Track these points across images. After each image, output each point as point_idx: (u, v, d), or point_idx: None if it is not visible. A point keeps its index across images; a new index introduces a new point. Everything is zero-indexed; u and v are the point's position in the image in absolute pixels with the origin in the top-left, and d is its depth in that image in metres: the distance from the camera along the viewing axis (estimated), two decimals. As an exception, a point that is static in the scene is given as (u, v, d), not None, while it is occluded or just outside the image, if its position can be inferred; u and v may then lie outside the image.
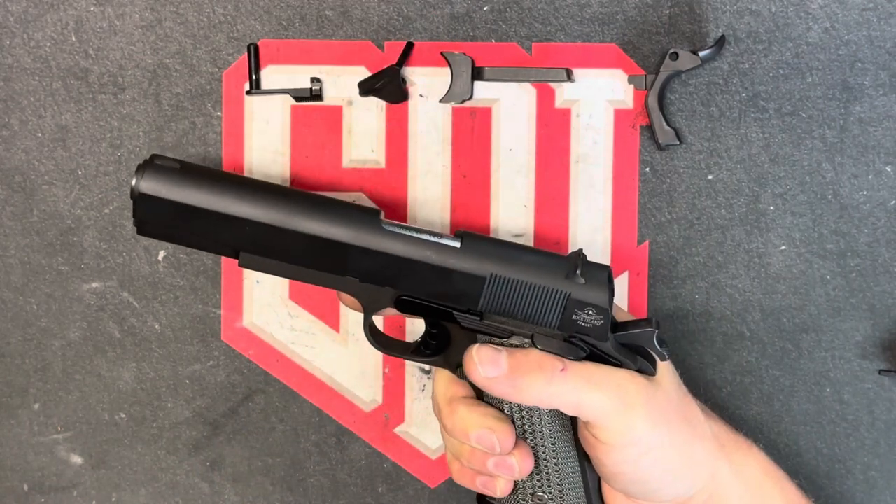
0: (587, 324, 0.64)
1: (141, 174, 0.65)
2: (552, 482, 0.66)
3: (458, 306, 0.65)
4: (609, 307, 0.64)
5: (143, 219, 0.65)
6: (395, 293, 0.66)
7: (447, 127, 0.75)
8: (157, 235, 0.66)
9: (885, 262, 0.74)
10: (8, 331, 0.78)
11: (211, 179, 0.66)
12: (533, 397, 0.63)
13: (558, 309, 0.64)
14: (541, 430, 0.66)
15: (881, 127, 0.74)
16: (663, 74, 0.72)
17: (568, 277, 0.64)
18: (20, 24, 0.76)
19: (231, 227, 0.65)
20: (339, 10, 0.75)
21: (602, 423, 0.63)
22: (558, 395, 0.63)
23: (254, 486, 0.78)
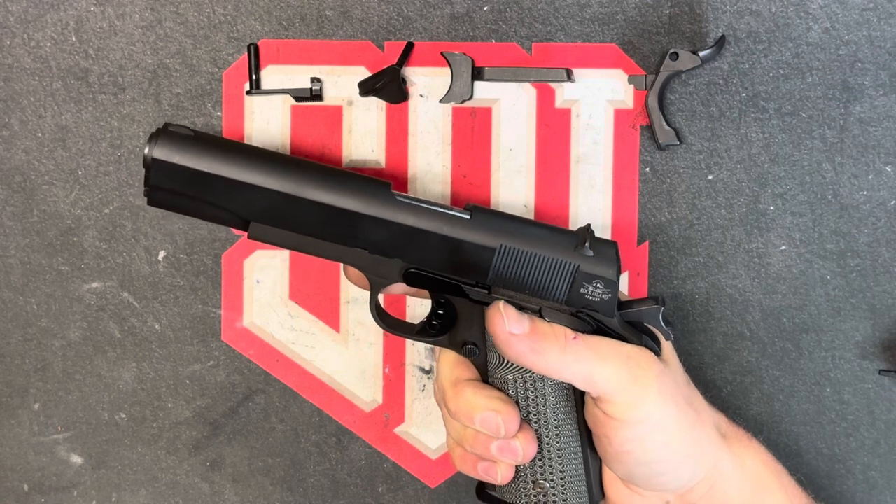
0: (595, 297, 0.64)
1: (154, 141, 0.65)
2: (554, 469, 0.66)
3: (467, 279, 0.65)
4: (617, 280, 0.64)
5: (156, 185, 0.65)
6: (403, 266, 0.66)
7: (447, 127, 0.75)
8: (167, 205, 0.66)
9: (885, 262, 0.74)
10: (8, 331, 0.78)
11: (224, 147, 0.66)
12: (548, 363, 0.63)
13: (566, 281, 0.64)
14: (545, 413, 0.66)
15: (881, 127, 0.74)
16: (663, 74, 0.72)
17: (577, 250, 0.64)
18: (20, 24, 0.76)
19: (243, 195, 0.65)
20: (339, 10, 0.75)
21: (613, 396, 0.63)
22: (571, 364, 0.63)
23: (254, 486, 0.78)
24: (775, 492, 0.67)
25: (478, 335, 0.67)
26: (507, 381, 0.66)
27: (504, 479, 0.67)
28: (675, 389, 0.64)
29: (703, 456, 0.65)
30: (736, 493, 0.65)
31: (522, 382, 0.66)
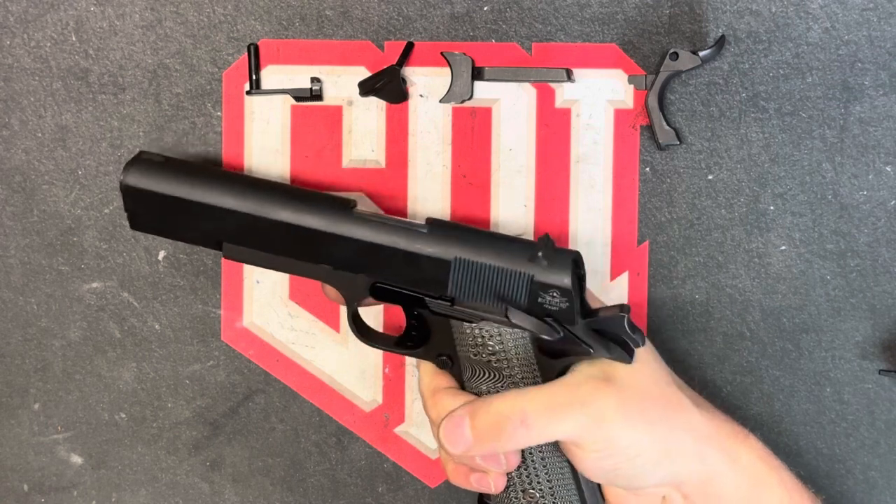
0: (553, 307, 0.65)
1: (128, 168, 0.68)
2: (540, 477, 0.67)
3: (429, 292, 0.66)
4: (573, 289, 0.64)
5: (132, 211, 0.69)
6: (368, 280, 0.67)
7: (447, 127, 0.75)
8: (148, 229, 0.70)
9: (885, 262, 0.74)
10: (8, 331, 0.78)
11: (193, 173, 0.69)
12: (509, 447, 0.64)
13: (524, 292, 0.65)
14: None
15: (881, 127, 0.74)
16: (663, 74, 0.72)
17: (531, 260, 0.65)
18: (20, 24, 0.76)
19: (211, 217, 0.68)
20: (339, 10, 0.75)
21: (579, 442, 0.64)
22: (533, 439, 0.64)
23: (254, 486, 0.78)
24: (774, 487, 0.67)
25: (449, 348, 0.68)
26: (481, 391, 0.67)
27: (497, 487, 0.67)
28: (645, 407, 0.64)
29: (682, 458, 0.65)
30: (732, 489, 0.65)
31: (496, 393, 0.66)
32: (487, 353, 0.66)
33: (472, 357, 0.67)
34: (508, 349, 0.66)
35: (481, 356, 0.67)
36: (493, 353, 0.66)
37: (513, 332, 0.66)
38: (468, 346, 0.67)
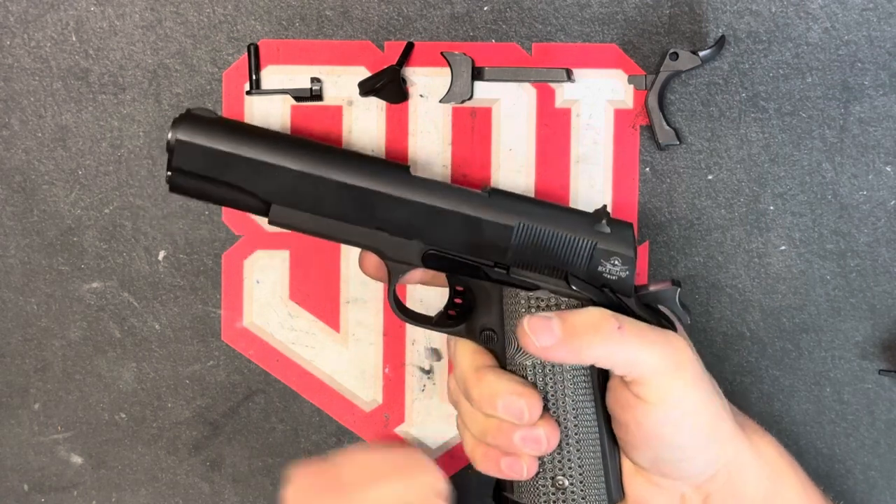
0: (613, 275, 0.65)
1: (178, 123, 0.66)
2: (573, 462, 0.66)
3: (486, 259, 0.66)
4: (634, 257, 0.65)
5: (178, 167, 0.66)
6: (422, 247, 0.66)
7: (447, 127, 0.75)
8: (188, 190, 0.67)
9: (885, 262, 0.74)
10: (8, 331, 0.78)
11: (247, 130, 0.67)
12: (590, 357, 0.63)
13: (585, 259, 0.65)
14: (563, 400, 0.66)
15: (881, 127, 0.74)
16: (663, 74, 0.72)
17: (594, 227, 0.65)
18: (20, 24, 0.76)
19: (265, 176, 0.66)
20: (339, 10, 0.75)
21: (651, 380, 0.63)
22: (614, 354, 0.63)
23: (254, 486, 0.78)
24: (793, 483, 0.67)
25: (496, 321, 0.67)
26: (525, 367, 0.66)
27: (529, 472, 0.66)
28: (703, 376, 0.65)
29: (725, 442, 0.65)
30: (754, 482, 0.65)
31: (541, 368, 0.66)
32: None
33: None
34: None
35: None
36: None
37: (567, 302, 0.65)
38: (519, 317, 0.66)
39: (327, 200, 0.66)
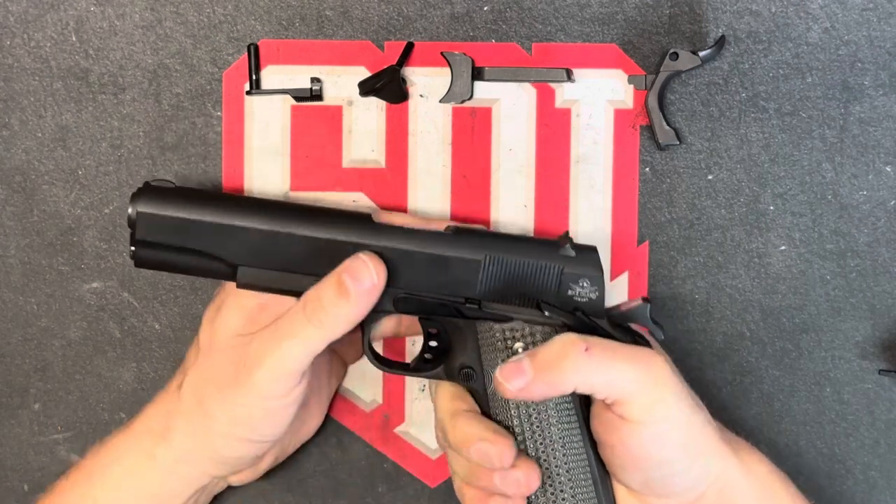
0: (583, 298, 0.66)
1: (138, 196, 0.66)
2: (565, 492, 0.66)
3: (457, 296, 0.66)
4: (601, 277, 0.65)
5: (142, 240, 0.66)
6: (393, 292, 0.66)
7: (447, 127, 0.75)
8: (154, 263, 0.68)
9: (885, 262, 0.74)
10: (8, 331, 0.78)
11: (207, 195, 0.68)
12: (567, 386, 0.62)
13: (553, 284, 0.66)
14: (549, 430, 0.66)
15: (881, 127, 0.74)
16: (663, 74, 0.72)
17: (559, 252, 0.66)
18: (20, 24, 0.76)
19: (230, 239, 0.66)
20: (339, 10, 0.75)
21: (632, 399, 0.62)
22: (589, 377, 0.62)
23: (254, 486, 0.78)
24: (783, 497, 0.66)
25: (473, 358, 0.67)
26: (507, 402, 0.66)
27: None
28: (684, 390, 0.64)
29: (712, 456, 0.65)
30: (744, 499, 0.65)
31: (525, 403, 0.66)
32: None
33: (499, 363, 0.66)
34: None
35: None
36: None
37: (543, 331, 0.66)
38: (495, 351, 0.66)
39: (293, 256, 0.66)
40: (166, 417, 0.69)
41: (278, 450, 0.73)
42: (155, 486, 0.69)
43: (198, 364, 0.69)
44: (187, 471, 0.69)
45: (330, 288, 0.65)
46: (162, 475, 0.69)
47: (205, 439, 0.68)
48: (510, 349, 0.66)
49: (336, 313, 0.64)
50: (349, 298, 0.64)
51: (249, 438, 0.68)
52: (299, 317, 0.65)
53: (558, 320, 0.65)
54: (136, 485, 0.69)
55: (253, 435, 0.67)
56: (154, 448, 0.69)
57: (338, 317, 0.64)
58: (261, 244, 0.66)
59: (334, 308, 0.64)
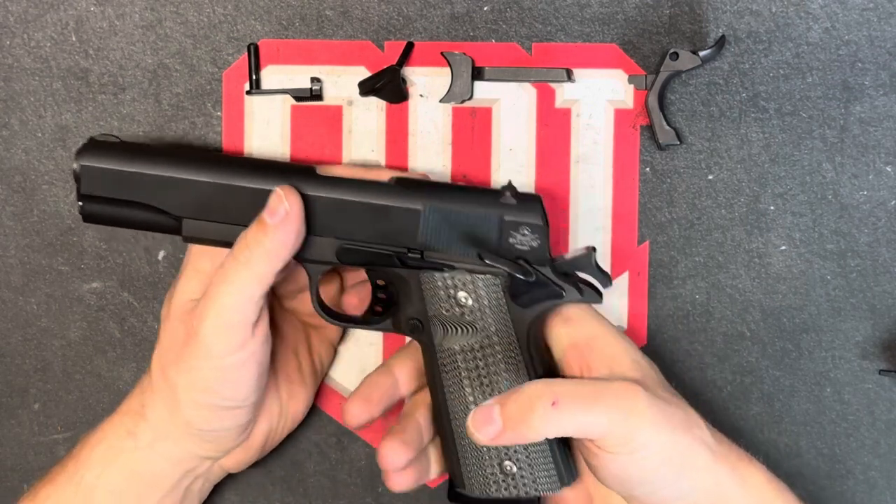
0: (524, 246, 0.66)
1: (82, 151, 0.67)
2: (518, 444, 0.66)
3: (399, 246, 0.67)
4: (544, 226, 0.66)
5: (87, 194, 0.67)
6: (336, 243, 0.67)
7: (447, 127, 0.75)
8: (101, 217, 0.68)
9: (886, 262, 0.74)
10: (8, 331, 0.78)
11: (151, 149, 0.69)
12: (539, 436, 0.62)
13: (494, 232, 0.66)
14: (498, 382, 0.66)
15: (881, 127, 0.74)
16: (663, 74, 0.72)
17: (500, 200, 0.66)
18: (20, 24, 0.76)
19: (173, 191, 0.67)
20: (339, 10, 0.75)
21: (607, 437, 0.62)
22: (561, 428, 0.62)
23: (254, 486, 0.78)
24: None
25: (419, 309, 0.68)
26: (454, 351, 0.67)
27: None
28: (667, 409, 0.63)
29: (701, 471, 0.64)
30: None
31: (471, 353, 0.66)
32: (459, 307, 0.67)
33: (444, 313, 0.67)
34: (481, 297, 0.66)
35: (454, 310, 0.67)
36: (465, 306, 0.67)
37: (485, 279, 0.66)
38: (439, 302, 0.67)
39: (237, 208, 0.67)
40: (142, 395, 0.70)
41: (266, 426, 0.72)
42: (138, 465, 0.69)
43: (160, 336, 0.69)
44: (168, 448, 0.69)
45: (251, 227, 0.66)
46: (144, 454, 0.69)
47: (175, 411, 0.68)
48: (453, 298, 0.67)
49: (259, 249, 0.65)
50: (267, 231, 0.65)
51: (212, 403, 0.67)
52: (229, 262, 0.65)
53: (500, 269, 0.66)
54: (120, 464, 0.69)
55: (214, 399, 0.67)
56: (135, 427, 0.69)
57: (261, 252, 0.65)
58: (204, 197, 0.67)
59: (256, 244, 0.65)
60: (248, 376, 0.67)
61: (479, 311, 0.67)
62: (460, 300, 0.67)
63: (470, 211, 0.66)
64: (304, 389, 0.74)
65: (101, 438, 0.70)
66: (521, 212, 0.66)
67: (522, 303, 0.66)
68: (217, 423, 0.68)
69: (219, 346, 0.65)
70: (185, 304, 0.68)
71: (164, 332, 0.69)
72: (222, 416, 0.68)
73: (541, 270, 0.66)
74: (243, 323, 0.65)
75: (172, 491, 0.70)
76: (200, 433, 0.68)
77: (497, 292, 0.67)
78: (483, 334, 0.67)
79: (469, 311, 0.67)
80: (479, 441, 0.62)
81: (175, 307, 0.68)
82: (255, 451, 0.72)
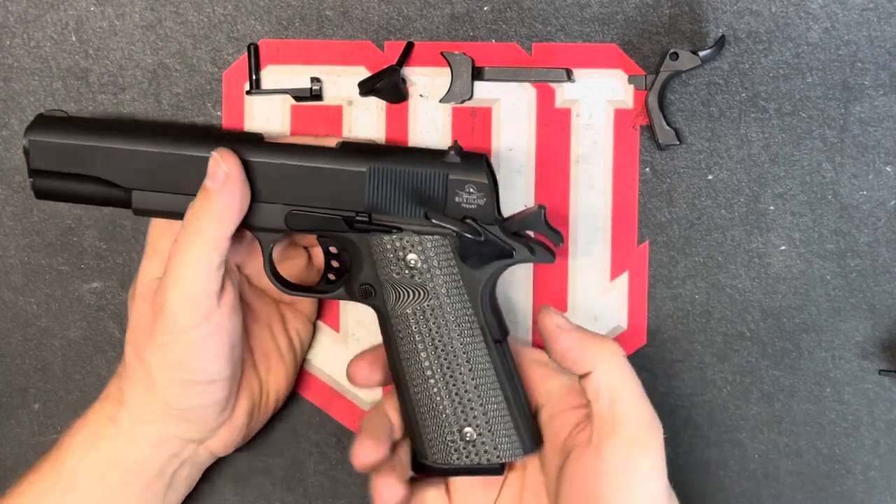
0: (471, 204, 0.66)
1: (30, 127, 0.68)
2: (475, 408, 0.66)
3: (347, 209, 0.67)
4: (489, 183, 0.66)
5: (37, 168, 0.68)
6: (284, 209, 0.68)
7: (447, 127, 0.75)
8: (52, 193, 0.69)
9: (885, 262, 0.74)
10: (8, 331, 0.78)
11: (98, 122, 0.71)
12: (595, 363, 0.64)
13: (440, 192, 0.66)
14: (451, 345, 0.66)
15: (881, 127, 0.74)
16: (663, 74, 0.72)
17: (443, 160, 0.67)
18: (20, 24, 0.76)
19: (120, 162, 0.67)
20: (339, 10, 0.75)
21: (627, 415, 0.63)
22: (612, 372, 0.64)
23: (254, 486, 0.78)
24: None
25: (371, 274, 0.68)
26: (406, 315, 0.67)
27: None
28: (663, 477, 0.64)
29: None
30: None
31: (422, 314, 0.67)
32: (409, 269, 0.67)
33: (394, 277, 0.67)
34: (430, 258, 0.67)
35: (404, 273, 0.67)
36: (415, 268, 0.67)
37: (433, 240, 0.66)
38: (389, 265, 0.67)
39: (184, 177, 0.67)
40: (119, 381, 0.70)
41: (248, 403, 0.72)
42: (121, 451, 0.69)
43: (129, 319, 0.70)
44: (149, 431, 0.69)
45: (196, 197, 0.66)
46: (126, 439, 0.69)
47: (151, 392, 0.68)
48: (402, 261, 0.67)
49: (207, 216, 0.65)
50: (210, 196, 0.66)
51: (186, 378, 0.67)
52: (181, 235, 0.66)
53: (447, 229, 0.66)
54: (100, 449, 0.69)
55: (186, 374, 0.67)
56: (115, 413, 0.69)
57: (209, 218, 0.65)
58: (152, 166, 0.67)
59: (203, 212, 0.65)
60: (218, 348, 0.67)
61: (428, 273, 0.67)
62: (410, 262, 0.67)
63: (414, 170, 0.67)
64: (282, 364, 0.74)
65: (83, 425, 0.70)
66: (465, 170, 0.66)
67: (472, 264, 0.67)
68: (194, 400, 0.68)
69: (185, 319, 0.66)
70: (149, 284, 0.68)
71: (133, 315, 0.69)
72: (198, 392, 0.68)
73: (489, 230, 0.66)
74: (206, 292, 0.66)
75: (158, 477, 0.70)
76: (179, 412, 0.68)
77: (446, 253, 0.67)
78: (434, 296, 0.67)
79: (419, 273, 0.67)
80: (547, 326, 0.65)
81: (140, 288, 0.69)
82: (239, 430, 0.72)
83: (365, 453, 0.67)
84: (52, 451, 0.70)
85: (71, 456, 0.69)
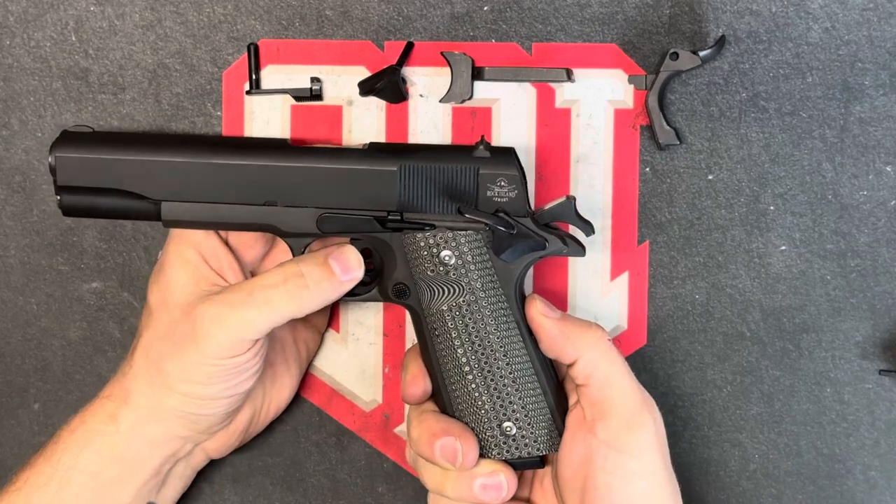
0: (502, 198, 0.67)
1: (55, 144, 0.68)
2: (514, 403, 0.67)
3: (378, 209, 0.67)
4: (520, 176, 0.67)
5: (64, 185, 0.68)
6: (315, 212, 0.68)
7: (447, 127, 0.75)
8: (80, 209, 0.69)
9: (885, 262, 0.74)
10: (8, 331, 0.78)
11: (124, 136, 0.72)
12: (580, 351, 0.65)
13: (471, 187, 0.67)
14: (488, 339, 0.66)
15: (881, 127, 0.74)
16: (663, 74, 0.72)
17: (473, 154, 0.67)
18: (20, 24, 0.76)
19: (149, 174, 0.67)
20: (339, 10, 0.75)
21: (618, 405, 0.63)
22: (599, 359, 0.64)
23: (254, 486, 0.78)
24: None
25: (404, 273, 0.68)
26: (442, 312, 0.67)
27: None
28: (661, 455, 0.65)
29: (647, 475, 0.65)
30: None
31: (458, 310, 0.67)
32: (444, 266, 0.67)
33: (429, 275, 0.67)
34: (464, 254, 0.67)
35: (438, 270, 0.67)
36: (449, 264, 0.67)
37: (467, 235, 0.67)
38: (423, 263, 0.67)
39: (214, 186, 0.67)
40: (123, 380, 0.69)
41: (250, 413, 0.72)
42: (118, 449, 0.68)
43: (151, 324, 0.69)
44: (151, 431, 0.69)
45: (317, 268, 0.66)
46: (125, 438, 0.68)
47: (164, 397, 0.68)
48: (437, 257, 0.67)
49: (318, 295, 0.66)
50: (334, 282, 0.66)
51: (206, 394, 0.67)
52: (274, 285, 0.65)
53: (481, 223, 0.66)
54: (97, 446, 0.68)
55: (209, 390, 0.67)
56: (116, 411, 0.69)
57: (318, 298, 0.66)
58: (180, 177, 0.67)
59: (318, 289, 0.65)
60: (249, 372, 0.67)
61: (463, 269, 0.67)
62: (444, 259, 0.67)
63: (444, 166, 0.67)
64: (288, 377, 0.74)
65: (81, 422, 0.69)
66: (496, 164, 0.67)
67: (506, 257, 0.67)
68: (206, 409, 0.68)
69: (227, 354, 0.66)
70: (182, 296, 0.68)
71: (160, 321, 0.68)
72: (215, 405, 0.68)
73: (521, 222, 0.66)
74: (258, 338, 0.66)
75: (154, 476, 0.70)
76: (188, 415, 0.68)
77: (480, 248, 0.67)
78: (469, 291, 0.67)
79: (454, 269, 0.67)
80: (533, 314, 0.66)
81: (171, 297, 0.68)
82: (236, 436, 0.72)
83: (417, 383, 0.68)
84: (48, 447, 0.69)
85: (67, 452, 0.69)
